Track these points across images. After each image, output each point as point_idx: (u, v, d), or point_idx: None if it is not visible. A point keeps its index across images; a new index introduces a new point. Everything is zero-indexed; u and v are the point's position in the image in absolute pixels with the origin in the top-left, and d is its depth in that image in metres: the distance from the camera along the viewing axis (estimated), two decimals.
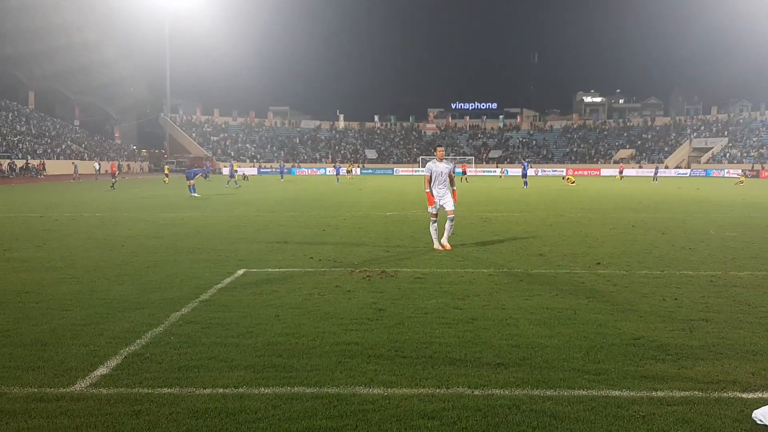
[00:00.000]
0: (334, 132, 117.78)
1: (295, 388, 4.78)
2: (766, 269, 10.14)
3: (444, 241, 12.23)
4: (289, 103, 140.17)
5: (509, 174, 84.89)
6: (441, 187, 12.24)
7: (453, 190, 12.41)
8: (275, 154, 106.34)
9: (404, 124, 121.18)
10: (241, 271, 9.80)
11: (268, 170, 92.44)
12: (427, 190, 12.25)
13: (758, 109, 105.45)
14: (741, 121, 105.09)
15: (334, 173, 54.09)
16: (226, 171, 65.22)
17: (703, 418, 4.27)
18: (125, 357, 5.56)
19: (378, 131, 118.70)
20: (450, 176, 12.34)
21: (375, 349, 5.73)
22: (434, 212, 12.22)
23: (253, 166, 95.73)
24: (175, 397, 4.65)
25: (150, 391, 4.75)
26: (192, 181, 31.35)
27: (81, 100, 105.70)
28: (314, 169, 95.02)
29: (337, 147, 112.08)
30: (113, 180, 43.27)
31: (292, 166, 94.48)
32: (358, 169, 79.50)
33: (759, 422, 4.16)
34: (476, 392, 4.69)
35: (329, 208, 23.78)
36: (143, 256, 11.29)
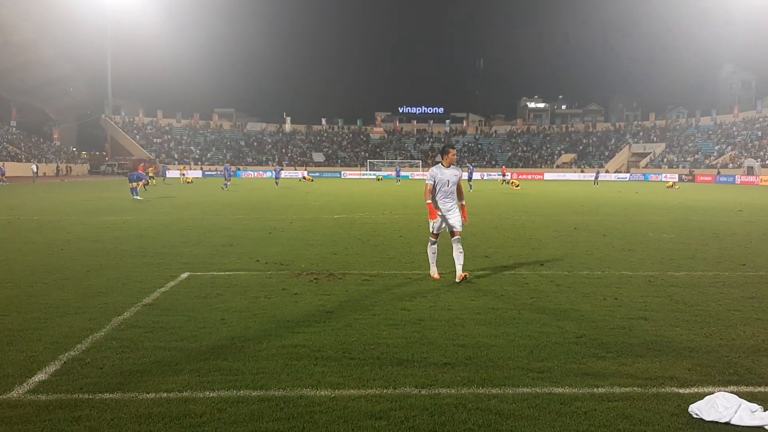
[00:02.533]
0: (280, 135, 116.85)
1: (241, 392, 4.72)
2: (701, 269, 10.51)
3: (458, 272, 9.23)
4: (234, 105, 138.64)
5: None
6: (447, 201, 9.36)
7: (462, 204, 9.61)
8: (220, 157, 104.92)
9: (352, 127, 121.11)
10: (185, 275, 9.63)
11: (213, 173, 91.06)
12: (429, 201, 9.38)
13: (694, 116, 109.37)
14: (678, 127, 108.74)
15: (274, 176, 52.59)
16: (170, 174, 64.04)
17: (642, 413, 4.40)
18: (64, 362, 5.40)
19: (325, 134, 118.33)
20: (459, 187, 9.48)
21: (322, 351, 5.71)
22: (435, 231, 9.51)
23: (200, 169, 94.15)
24: (116, 402, 4.54)
25: (90, 397, 4.63)
26: (134, 184, 30.66)
27: (18, 100, 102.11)
28: (260, 172, 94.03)
29: (284, 150, 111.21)
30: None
31: (237, 169, 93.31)
32: (305, 172, 79.00)
33: (695, 416, 4.31)
34: (423, 392, 4.73)
35: (276, 211, 23.58)
36: (83, 260, 10.98)
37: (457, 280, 9.14)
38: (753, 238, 15.26)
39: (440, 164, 9.42)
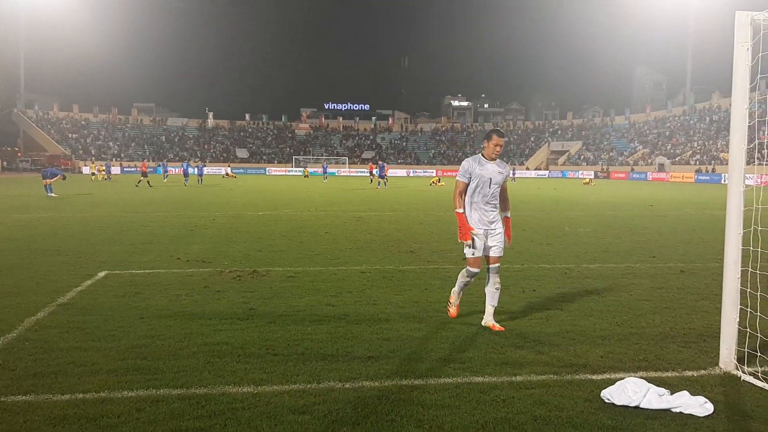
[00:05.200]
0: (203, 130, 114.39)
1: (161, 390, 4.63)
2: (614, 262, 10.96)
3: (489, 317, 6.59)
4: (155, 100, 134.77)
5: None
6: (489, 210, 6.56)
7: (506, 217, 6.75)
8: (140, 153, 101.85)
9: (276, 123, 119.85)
10: (102, 273, 9.33)
11: (132, 169, 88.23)
12: (459, 210, 6.56)
13: (609, 115, 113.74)
14: (593, 126, 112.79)
15: (185, 172, 50.60)
16: (86, 170, 61.68)
17: (557, 399, 4.56)
18: None
19: (249, 130, 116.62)
20: (503, 192, 6.72)
21: (245, 348, 5.66)
22: (477, 253, 6.56)
23: (119, 165, 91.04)
24: (29, 404, 4.36)
25: (2, 400, 4.44)
26: (48, 181, 29.39)
27: None
28: (180, 169, 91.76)
29: (206, 146, 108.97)
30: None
31: (158, 166, 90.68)
32: (229, 168, 77.50)
33: (607, 401, 4.51)
34: (347, 385, 4.76)
35: (198, 208, 23.11)
36: None
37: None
38: (663, 232, 16.03)
39: (480, 155, 6.64)
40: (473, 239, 6.49)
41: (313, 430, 3.98)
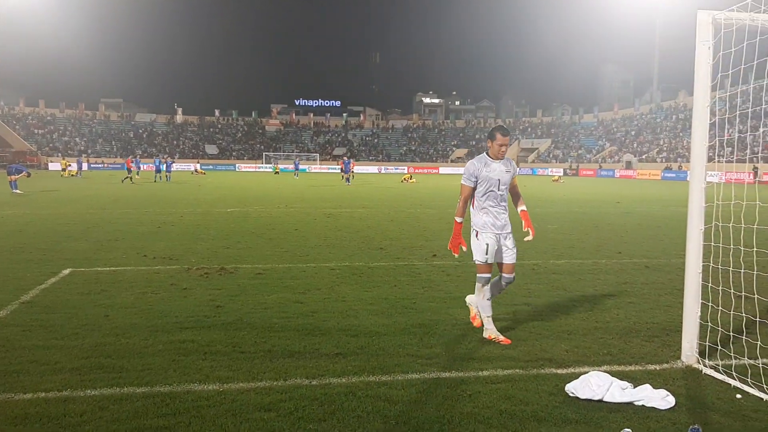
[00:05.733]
0: (171, 126, 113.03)
1: (125, 389, 4.56)
2: (581, 258, 11.09)
3: (491, 328, 6.04)
4: (122, 95, 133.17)
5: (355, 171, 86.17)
6: (500, 211, 6.09)
7: (523, 211, 6.38)
8: (108, 149, 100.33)
9: (246, 119, 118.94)
10: (67, 271, 9.18)
11: (100, 166, 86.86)
12: (458, 219, 6.17)
13: (578, 113, 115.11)
14: (562, 123, 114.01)
15: (157, 168, 49.92)
16: (54, 166, 60.53)
17: (523, 393, 4.60)
18: None
19: (219, 126, 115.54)
20: (514, 188, 6.35)
21: (211, 346, 5.61)
22: (487, 259, 6.00)
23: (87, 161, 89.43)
24: None
25: None
26: (14, 177, 28.80)
27: None
28: (151, 165, 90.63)
29: (175, 142, 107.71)
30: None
31: (101, 162, 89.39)
32: (198, 165, 76.62)
33: (571, 395, 4.56)
34: (314, 382, 4.74)
35: (166, 204, 22.84)
36: None
37: (489, 333, 6.02)
38: (629, 228, 16.26)
39: (484, 155, 6.17)
40: (486, 245, 5.94)
41: (278, 428, 3.96)
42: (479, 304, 6.12)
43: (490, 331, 6.00)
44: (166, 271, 9.35)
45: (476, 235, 6.04)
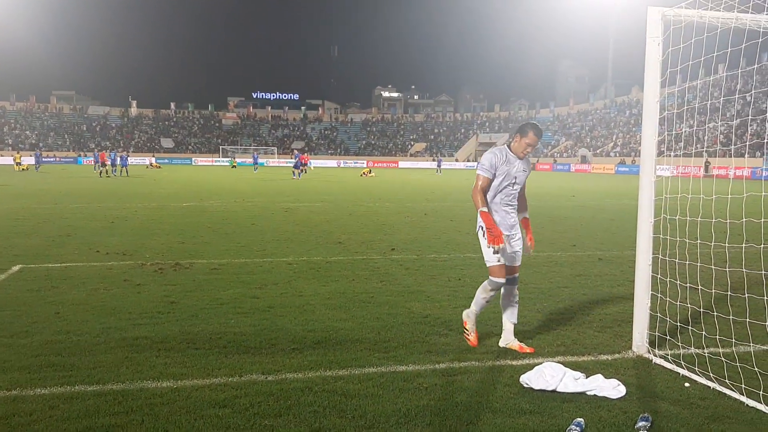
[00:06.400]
0: (126, 119, 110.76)
1: (76, 387, 4.46)
2: (536, 250, 11.12)
3: (510, 336, 5.71)
4: (75, 88, 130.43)
5: (312, 165, 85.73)
6: (510, 211, 5.68)
7: (525, 218, 5.88)
8: (60, 143, 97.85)
9: (203, 112, 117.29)
10: (16, 268, 8.93)
11: (51, 159, 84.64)
12: (484, 209, 5.49)
13: (534, 108, 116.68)
14: (520, 118, 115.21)
15: (96, 163, 48.72)
16: (4, 160, 58.76)
17: (478, 385, 4.65)
18: None
19: (174, 119, 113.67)
20: (523, 190, 5.82)
21: (165, 343, 5.52)
22: (500, 261, 5.61)
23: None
24: None
25: None
26: None
27: None
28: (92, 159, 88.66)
29: (129, 135, 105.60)
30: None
31: (79, 156, 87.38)
32: (153, 159, 75.23)
33: (525, 386, 4.62)
34: (270, 378, 4.70)
35: (120, 199, 22.40)
36: None
37: (510, 345, 5.64)
38: (583, 222, 16.56)
39: (505, 148, 5.66)
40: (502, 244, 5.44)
41: (234, 424, 3.92)
42: (478, 300, 5.65)
43: (469, 324, 5.66)
44: (119, 266, 9.17)
45: (483, 234, 5.49)
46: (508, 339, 5.69)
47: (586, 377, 4.70)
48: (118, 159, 48.42)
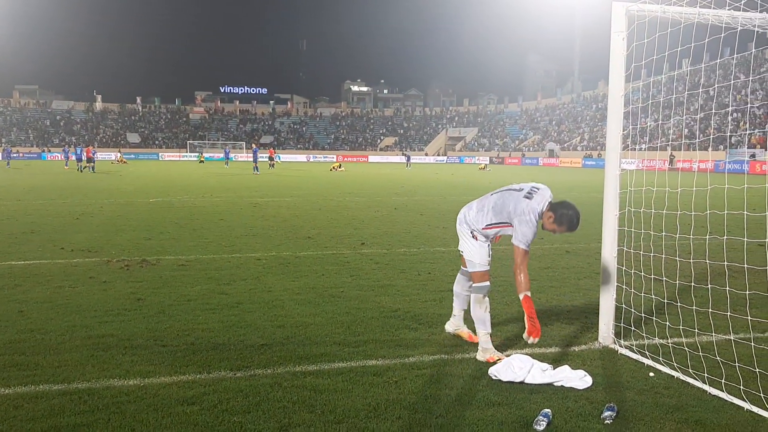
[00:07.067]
0: (90, 114, 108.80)
1: (40, 386, 4.38)
2: (505, 244, 11.20)
3: (460, 322, 5.82)
4: (38, 82, 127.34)
5: (281, 159, 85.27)
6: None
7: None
8: (23, 138, 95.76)
9: (170, 106, 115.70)
10: None
11: (15, 155, 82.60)
12: (527, 293, 5.14)
13: (503, 102, 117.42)
14: (489, 112, 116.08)
15: (64, 157, 48.24)
16: None
17: (448, 378, 4.68)
18: None
19: (141, 114, 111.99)
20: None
21: (132, 340, 5.45)
22: (487, 263, 5.61)
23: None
24: None
25: None
26: None
27: None
28: (72, 155, 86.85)
29: (95, 130, 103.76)
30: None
31: (43, 151, 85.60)
32: (119, 154, 73.86)
33: (494, 378, 4.66)
34: (238, 374, 4.67)
35: (85, 195, 22.02)
36: None
37: (454, 330, 5.79)
38: None
39: (538, 215, 5.10)
40: (488, 246, 5.42)
41: (202, 421, 3.88)
42: (481, 318, 5.23)
43: (491, 353, 5.07)
44: (84, 263, 9.02)
45: (475, 238, 5.37)
46: (458, 325, 5.73)
47: (554, 368, 4.75)
48: (84, 154, 47.66)
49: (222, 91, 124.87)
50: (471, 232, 5.38)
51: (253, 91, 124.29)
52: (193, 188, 26.46)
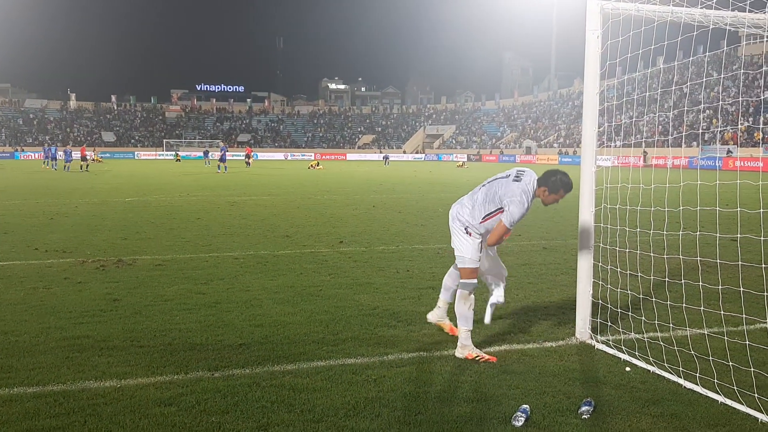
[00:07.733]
0: (64, 113, 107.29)
1: (15, 389, 4.32)
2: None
3: (443, 314, 5.78)
4: (10, 80, 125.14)
5: (258, 157, 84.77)
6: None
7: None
8: None
9: (145, 105, 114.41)
10: None
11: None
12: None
13: (480, 100, 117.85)
14: (466, 110, 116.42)
15: (45, 157, 47.77)
16: None
17: (426, 375, 4.69)
18: None
19: (116, 112, 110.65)
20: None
21: (108, 341, 5.39)
22: (478, 258, 5.35)
23: None
24: None
25: None
26: None
27: None
28: (60, 154, 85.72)
29: (68, 129, 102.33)
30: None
31: (16, 150, 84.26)
32: (93, 153, 72.84)
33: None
34: (216, 374, 4.64)
35: (59, 195, 21.72)
36: None
37: (436, 320, 5.80)
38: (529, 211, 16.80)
39: (532, 194, 5.23)
40: (479, 243, 5.27)
41: (180, 422, 3.85)
42: (464, 315, 5.19)
43: (470, 350, 5.10)
44: (59, 264, 8.89)
45: (469, 234, 5.24)
46: (441, 316, 5.75)
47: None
48: (60, 154, 47.15)
49: (198, 89, 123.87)
50: (465, 229, 5.28)
51: (230, 89, 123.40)
52: (169, 187, 26.22)
